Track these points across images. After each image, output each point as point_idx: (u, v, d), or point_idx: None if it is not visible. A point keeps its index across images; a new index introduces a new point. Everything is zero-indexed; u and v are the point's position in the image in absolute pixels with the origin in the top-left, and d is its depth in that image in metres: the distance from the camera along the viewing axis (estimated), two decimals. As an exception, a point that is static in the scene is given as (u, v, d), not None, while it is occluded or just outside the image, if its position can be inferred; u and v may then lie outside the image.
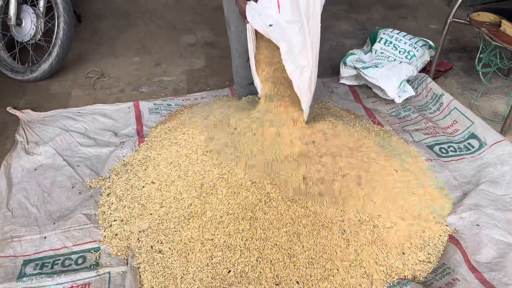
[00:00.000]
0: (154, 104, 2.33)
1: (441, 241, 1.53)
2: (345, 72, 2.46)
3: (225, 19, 1.87)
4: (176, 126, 1.97)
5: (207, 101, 2.36)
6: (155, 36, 3.14)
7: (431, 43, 2.59)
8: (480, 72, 2.22)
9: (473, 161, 1.93)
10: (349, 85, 2.50)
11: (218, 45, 3.02)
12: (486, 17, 2.13)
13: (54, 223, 1.64)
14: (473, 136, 2.04)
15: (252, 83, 2.00)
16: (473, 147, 2.00)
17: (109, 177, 1.85)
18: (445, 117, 2.20)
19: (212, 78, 2.65)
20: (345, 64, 2.46)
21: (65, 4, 2.43)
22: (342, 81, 2.51)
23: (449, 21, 2.25)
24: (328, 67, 2.70)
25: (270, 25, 1.49)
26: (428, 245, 1.51)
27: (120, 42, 3.05)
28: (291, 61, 1.51)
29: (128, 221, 1.57)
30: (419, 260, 1.47)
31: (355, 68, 2.39)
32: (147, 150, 1.88)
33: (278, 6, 1.49)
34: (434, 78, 2.46)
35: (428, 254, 1.48)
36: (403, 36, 2.55)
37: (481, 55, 2.19)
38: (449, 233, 1.57)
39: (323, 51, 2.92)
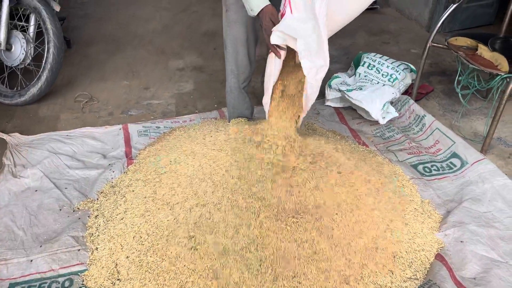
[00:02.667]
0: (143, 126, 2.35)
1: (428, 258, 1.55)
2: (330, 94, 2.53)
3: (223, 40, 1.92)
4: (163, 148, 1.98)
5: (196, 123, 2.39)
6: (144, 60, 3.19)
7: (412, 66, 2.68)
8: (460, 94, 2.30)
9: (455, 180, 1.98)
10: (334, 107, 2.57)
11: (206, 70, 3.08)
12: (464, 41, 2.23)
13: (40, 246, 1.63)
14: (454, 155, 2.10)
15: (243, 105, 2.05)
16: (455, 166, 2.06)
17: (97, 199, 1.85)
18: (427, 137, 2.26)
19: (200, 101, 2.69)
20: (330, 87, 2.53)
21: (55, 29, 2.47)
22: (327, 103, 2.57)
23: (428, 45, 2.34)
24: (314, 90, 2.77)
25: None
26: (415, 262, 1.53)
27: (109, 66, 3.09)
28: (307, 58, 1.53)
29: (114, 244, 1.56)
30: (407, 278, 1.48)
31: (339, 90, 2.46)
32: (135, 172, 1.89)
33: (290, 7, 1.54)
34: (416, 100, 2.54)
35: (415, 271, 1.50)
36: (386, 60, 2.64)
37: (459, 78, 2.27)
38: (436, 250, 1.59)
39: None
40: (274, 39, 1.53)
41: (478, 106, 2.55)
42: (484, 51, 2.11)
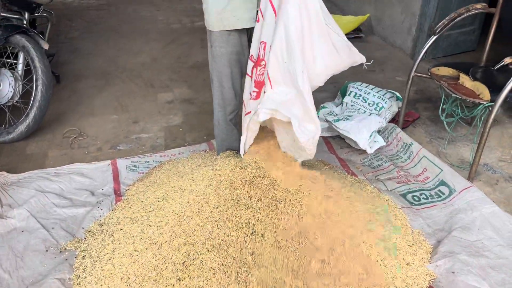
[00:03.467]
0: (131, 161, 2.35)
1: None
2: (318, 125, 2.55)
3: (210, 74, 1.95)
4: (151, 184, 1.98)
5: (185, 156, 2.39)
6: (133, 94, 3.21)
7: (398, 94, 2.74)
8: (444, 122, 2.34)
9: (444, 208, 1.99)
10: (323, 137, 2.59)
11: (195, 101, 3.11)
12: (446, 71, 2.28)
13: (26, 290, 1.59)
14: (442, 183, 2.12)
15: (231, 137, 2.06)
16: (443, 194, 2.07)
17: (85, 238, 1.82)
18: (415, 165, 2.29)
19: (190, 134, 2.70)
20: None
21: (43, 67, 2.49)
22: (315, 133, 2.59)
23: (412, 75, 2.39)
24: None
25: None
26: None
27: (98, 101, 3.11)
28: (302, 131, 1.57)
29: (102, 286, 1.53)
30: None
31: (326, 121, 2.49)
32: (123, 210, 1.88)
33: (270, 83, 1.58)
34: (403, 128, 2.57)
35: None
36: (371, 89, 2.69)
37: (444, 106, 2.32)
38: (428, 282, 1.58)
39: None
40: (262, 116, 1.57)
41: (464, 133, 2.59)
42: (465, 80, 2.16)
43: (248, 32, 1.82)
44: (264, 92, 1.61)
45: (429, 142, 2.59)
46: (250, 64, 1.75)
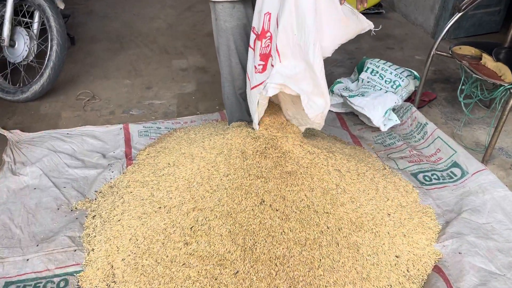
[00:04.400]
0: (143, 127, 2.35)
1: (425, 270, 1.54)
2: (332, 99, 2.52)
3: (216, 48, 1.92)
4: (163, 150, 1.98)
5: (196, 124, 2.39)
6: (147, 59, 3.19)
7: (416, 73, 2.67)
8: (462, 103, 2.29)
9: (455, 190, 1.97)
10: (336, 112, 2.56)
11: (209, 71, 3.07)
12: (468, 50, 2.22)
13: (37, 245, 1.63)
14: (455, 164, 2.09)
15: (240, 110, 2.04)
16: (455, 175, 2.05)
17: (96, 199, 1.85)
18: (429, 145, 2.25)
19: (202, 103, 2.68)
20: (332, 92, 2.52)
21: (59, 27, 2.47)
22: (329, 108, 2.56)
23: (432, 53, 2.33)
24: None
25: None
26: (413, 273, 1.51)
27: (112, 64, 3.09)
28: (310, 106, 1.54)
29: (111, 245, 1.56)
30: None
31: (341, 96, 2.45)
32: (133, 173, 1.89)
33: (279, 57, 1.54)
34: (418, 108, 2.52)
35: (412, 283, 1.49)
36: (389, 66, 2.63)
37: (463, 87, 2.26)
38: (434, 262, 1.58)
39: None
40: (270, 91, 1.53)
41: (481, 115, 2.53)
42: (488, 60, 2.10)
43: (253, 4, 1.77)
44: (272, 66, 1.57)
45: (445, 123, 2.54)
46: (252, 37, 1.70)
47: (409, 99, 2.63)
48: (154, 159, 1.93)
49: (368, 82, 2.57)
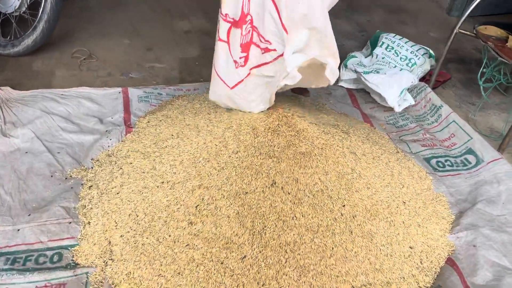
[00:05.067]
0: (144, 92, 2.21)
1: (439, 262, 1.47)
2: (345, 75, 2.39)
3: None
4: (165, 119, 1.85)
5: (200, 92, 2.25)
6: (148, 18, 2.99)
7: (431, 52, 2.54)
8: (481, 87, 2.18)
9: (469, 178, 1.89)
10: (347, 88, 2.43)
11: (214, 35, 2.87)
12: (493, 31, 2.09)
13: (29, 215, 1.52)
14: (470, 151, 2.00)
15: None
16: (470, 163, 1.96)
17: (92, 168, 1.73)
18: (442, 129, 2.15)
19: (206, 69, 2.52)
20: (345, 66, 2.39)
21: (54, -23, 2.26)
22: (340, 83, 2.43)
23: (455, 31, 2.19)
24: (327, 68, 2.62)
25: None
26: (426, 266, 1.45)
27: (110, 21, 2.89)
28: (332, 73, 1.46)
29: (108, 220, 1.45)
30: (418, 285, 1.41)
31: (356, 71, 2.32)
32: (133, 142, 1.77)
33: (285, 30, 1.40)
34: (433, 88, 2.41)
35: (425, 275, 1.42)
36: (405, 43, 2.49)
37: (484, 70, 2.14)
38: (447, 254, 1.51)
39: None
40: (293, 63, 1.39)
41: (497, 100, 2.43)
42: (515, 43, 1.97)
43: None
44: (254, 55, 1.44)
45: (458, 106, 2.44)
46: (224, 26, 1.53)
47: (423, 78, 2.51)
48: (156, 129, 1.80)
49: (382, 58, 2.44)
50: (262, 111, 1.65)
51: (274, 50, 1.45)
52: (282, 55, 1.46)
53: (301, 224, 1.35)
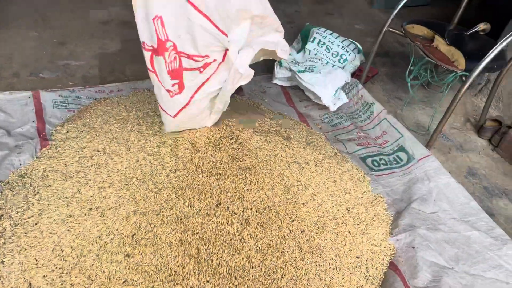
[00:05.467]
0: (59, 95, 1.95)
1: (382, 268, 1.49)
2: (280, 73, 2.32)
3: None
4: (87, 129, 1.64)
5: (125, 94, 2.04)
6: (58, 6, 2.66)
7: (359, 46, 2.57)
8: (409, 84, 2.25)
9: (402, 176, 1.95)
10: (281, 86, 2.38)
11: (135, 25, 2.65)
12: (420, 30, 2.14)
13: None
14: (401, 149, 2.06)
15: None
16: (401, 160, 2.02)
17: (1, 192, 1.48)
18: (374, 127, 2.20)
19: (130, 66, 2.31)
20: (280, 64, 2.32)
21: None
22: (275, 81, 2.37)
23: (384, 30, 2.22)
24: (260, 63, 2.53)
25: None
26: (372, 271, 1.46)
27: (11, 9, 2.52)
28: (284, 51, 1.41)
29: (27, 257, 1.25)
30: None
31: (290, 70, 2.27)
32: (51, 159, 1.55)
33: (222, 32, 1.29)
34: (363, 84, 2.44)
35: (371, 284, 1.43)
36: (336, 38, 2.48)
37: (411, 68, 2.20)
38: (389, 258, 1.54)
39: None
40: (243, 62, 1.30)
41: (421, 95, 2.54)
42: (440, 43, 2.04)
43: None
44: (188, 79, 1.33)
45: (387, 101, 2.51)
46: (147, 56, 1.38)
47: (353, 74, 2.53)
48: (77, 142, 1.59)
49: (315, 54, 2.41)
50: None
51: (214, 60, 1.33)
52: (224, 60, 1.34)
53: (250, 247, 1.27)
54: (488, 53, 1.81)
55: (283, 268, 1.28)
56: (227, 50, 1.33)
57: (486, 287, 1.51)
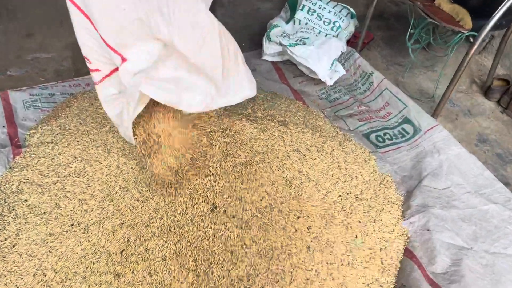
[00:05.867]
0: (30, 94, 1.77)
1: (398, 257, 1.37)
2: (269, 48, 2.14)
3: None
4: (62, 131, 1.49)
5: (103, 87, 1.87)
6: (22, -7, 2.43)
7: (352, 10, 2.38)
8: (410, 49, 2.08)
9: (410, 150, 1.81)
10: (272, 62, 2.20)
11: (108, 8, 2.44)
12: (419, -12, 1.95)
13: None
14: (407, 120, 1.92)
15: None
16: (407, 133, 1.88)
17: (-27, 211, 1.34)
18: (376, 98, 2.04)
19: (106, 54, 2.12)
20: (269, 39, 2.14)
21: None
22: (265, 57, 2.19)
23: (379, -9, 2.03)
24: (246, 37, 2.35)
25: None
26: (387, 262, 1.35)
27: (-30, 1, 2.30)
28: None
29: (7, 284, 1.12)
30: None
31: (280, 44, 2.09)
32: (25, 170, 1.39)
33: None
34: (359, 52, 2.27)
35: (388, 276, 1.32)
36: (327, 4, 2.29)
37: (412, 31, 2.03)
38: (404, 244, 1.42)
39: (237, 17, 2.56)
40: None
41: (422, 58, 2.37)
42: (443, 2, 1.86)
43: None
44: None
45: (386, 68, 2.34)
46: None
47: (348, 41, 2.35)
48: (53, 147, 1.43)
49: (306, 23, 2.22)
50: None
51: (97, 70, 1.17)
52: (110, 74, 1.17)
53: (253, 252, 1.15)
54: (498, 9, 1.64)
55: (291, 272, 1.16)
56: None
57: (509, 265, 1.41)
